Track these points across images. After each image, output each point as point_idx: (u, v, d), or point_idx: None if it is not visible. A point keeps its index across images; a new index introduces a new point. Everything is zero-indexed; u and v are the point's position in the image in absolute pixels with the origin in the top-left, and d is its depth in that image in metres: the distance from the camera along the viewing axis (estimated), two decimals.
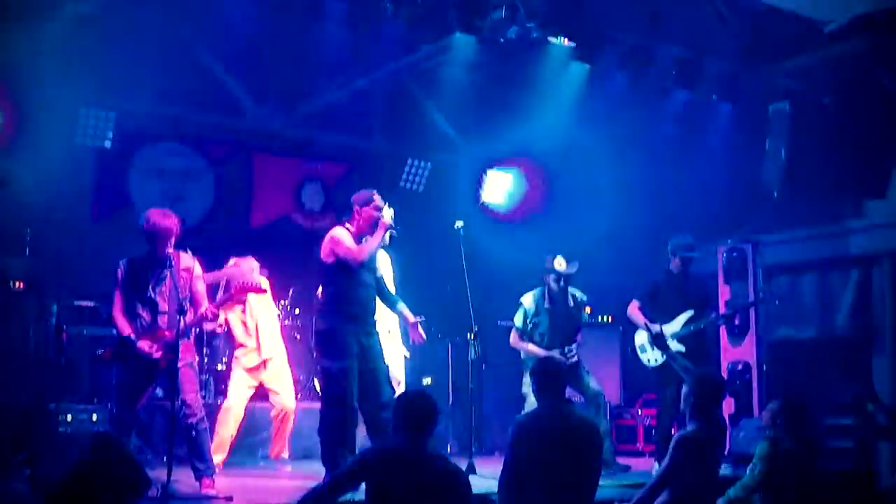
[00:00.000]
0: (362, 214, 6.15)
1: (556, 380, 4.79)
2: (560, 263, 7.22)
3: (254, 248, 9.47)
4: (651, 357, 7.37)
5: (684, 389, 5.30)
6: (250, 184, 10.11)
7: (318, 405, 7.50)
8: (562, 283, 7.26)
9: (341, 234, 6.11)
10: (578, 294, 7.42)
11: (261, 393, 8.43)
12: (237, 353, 7.44)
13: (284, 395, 7.40)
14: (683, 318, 7.24)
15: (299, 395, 8.25)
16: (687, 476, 4.87)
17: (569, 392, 6.44)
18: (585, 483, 4.67)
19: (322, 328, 6.13)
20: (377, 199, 6.18)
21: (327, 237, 6.13)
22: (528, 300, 7.37)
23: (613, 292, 9.52)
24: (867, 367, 8.41)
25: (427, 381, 8.95)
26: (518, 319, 7.33)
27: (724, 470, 7.11)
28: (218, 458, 6.65)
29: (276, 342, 7.53)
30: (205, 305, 5.94)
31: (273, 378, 7.37)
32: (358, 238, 6.14)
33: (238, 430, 7.30)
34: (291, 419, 7.44)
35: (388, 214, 6.13)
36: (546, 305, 7.28)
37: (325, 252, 6.10)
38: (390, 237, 6.32)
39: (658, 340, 7.04)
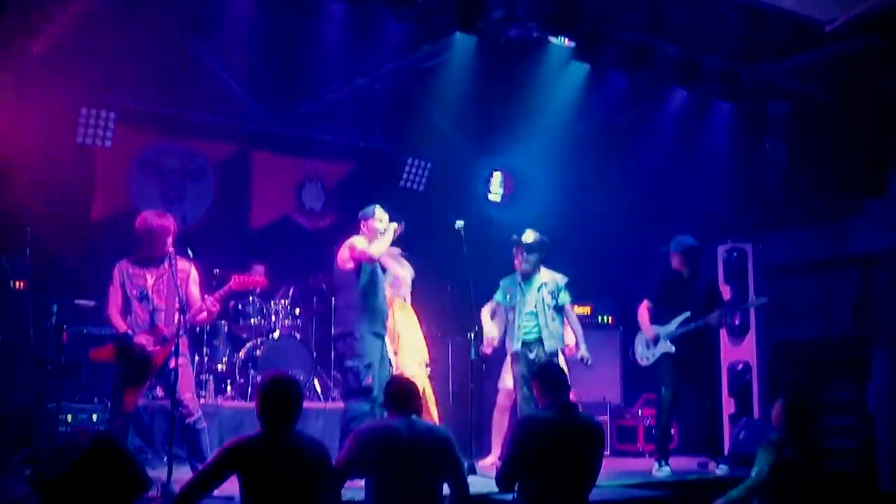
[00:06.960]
0: (368, 227, 6.46)
1: (560, 382, 4.80)
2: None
3: (254, 247, 9.49)
4: (642, 356, 7.49)
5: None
6: (250, 184, 10.10)
7: (321, 405, 7.56)
8: None
9: (356, 239, 6.40)
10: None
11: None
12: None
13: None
14: (679, 318, 7.26)
15: None
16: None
17: None
18: (585, 482, 4.67)
19: (342, 332, 6.35)
20: (378, 212, 6.49)
21: (343, 246, 6.40)
22: None
23: (613, 293, 9.54)
24: (867, 367, 8.39)
25: None
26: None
27: (724, 471, 7.14)
28: None
29: (412, 357, 7.24)
30: (198, 304, 5.97)
31: None
32: None
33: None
34: None
35: (386, 221, 6.43)
36: None
37: (341, 259, 6.35)
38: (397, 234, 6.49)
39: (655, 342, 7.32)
